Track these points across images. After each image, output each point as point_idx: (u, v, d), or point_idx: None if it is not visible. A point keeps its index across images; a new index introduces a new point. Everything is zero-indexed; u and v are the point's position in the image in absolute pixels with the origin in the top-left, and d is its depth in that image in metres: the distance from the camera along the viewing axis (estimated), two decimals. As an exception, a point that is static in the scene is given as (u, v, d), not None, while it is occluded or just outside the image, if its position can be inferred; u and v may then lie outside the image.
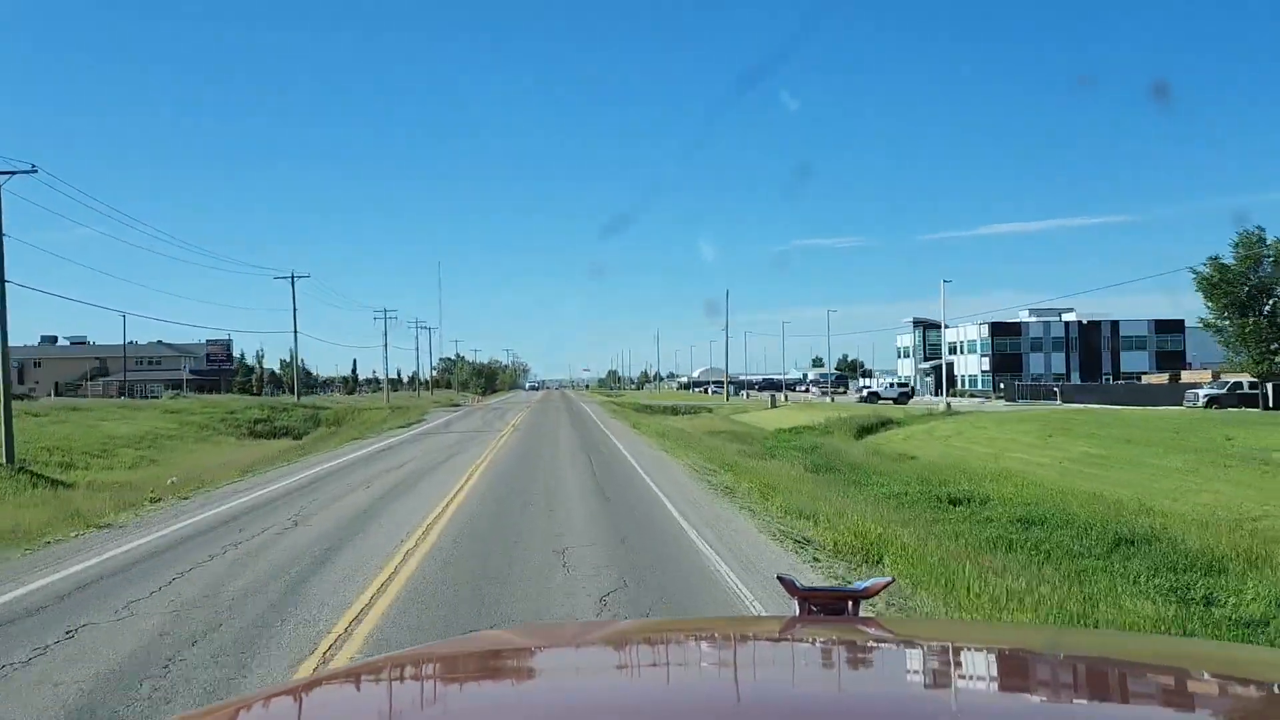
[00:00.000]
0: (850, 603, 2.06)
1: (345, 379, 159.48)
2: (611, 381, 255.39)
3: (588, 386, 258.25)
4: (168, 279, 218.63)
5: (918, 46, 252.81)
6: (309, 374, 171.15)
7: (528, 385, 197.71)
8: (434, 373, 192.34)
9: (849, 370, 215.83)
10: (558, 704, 1.64)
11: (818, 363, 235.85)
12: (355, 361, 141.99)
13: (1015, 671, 1.90)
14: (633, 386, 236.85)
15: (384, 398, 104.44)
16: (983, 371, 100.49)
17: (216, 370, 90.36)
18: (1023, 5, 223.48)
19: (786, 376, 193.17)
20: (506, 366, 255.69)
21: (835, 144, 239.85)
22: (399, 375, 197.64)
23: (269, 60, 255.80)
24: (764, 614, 7.58)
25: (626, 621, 6.56)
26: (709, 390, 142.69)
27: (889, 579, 2.51)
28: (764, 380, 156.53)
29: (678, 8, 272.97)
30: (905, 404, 72.69)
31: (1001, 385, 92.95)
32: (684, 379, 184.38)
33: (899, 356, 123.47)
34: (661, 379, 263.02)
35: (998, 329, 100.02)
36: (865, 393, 77.43)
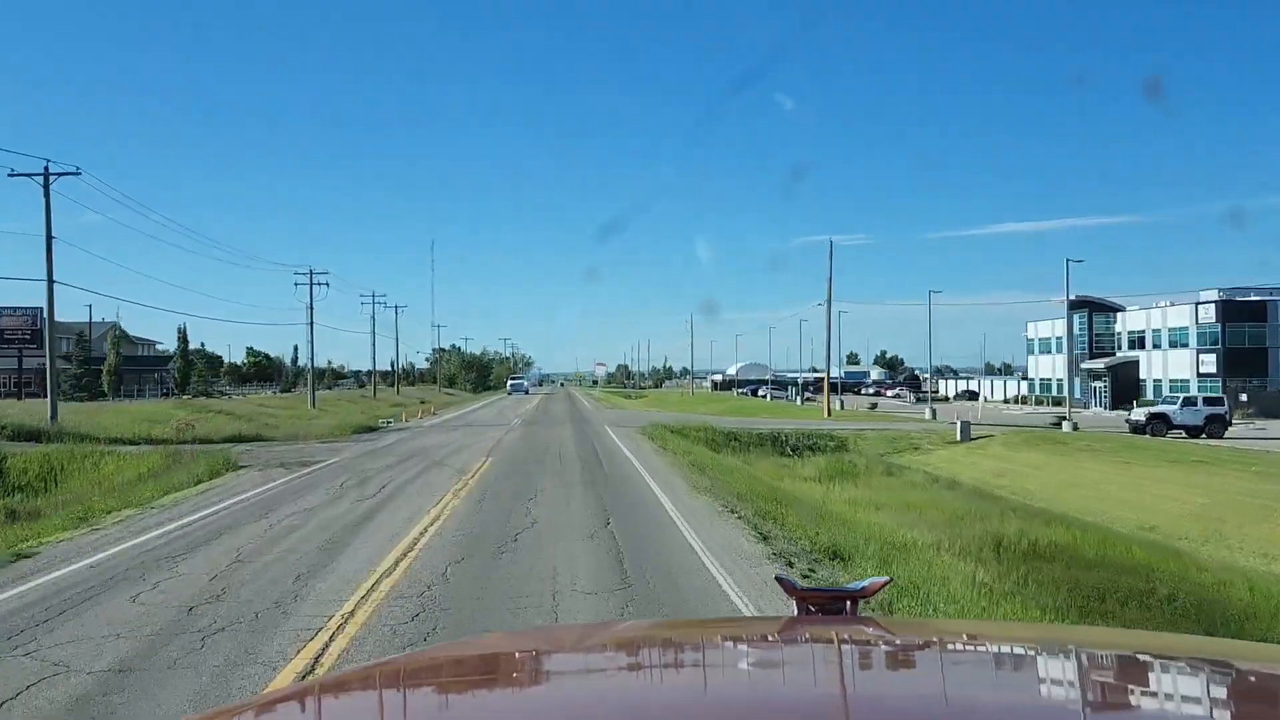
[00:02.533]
0: (848, 602, 2.06)
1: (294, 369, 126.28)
2: (622, 378, 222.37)
3: (595, 383, 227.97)
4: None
5: (914, 48, 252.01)
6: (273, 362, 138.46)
7: (511, 384, 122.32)
8: (426, 364, 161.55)
9: (888, 367, 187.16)
10: (558, 706, 1.62)
11: (853, 359, 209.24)
12: (296, 349, 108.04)
13: (1015, 670, 1.87)
14: (648, 384, 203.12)
15: (310, 399, 70.87)
16: (1200, 374, 66.32)
17: (16, 354, 56.49)
18: (1024, 6, 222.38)
19: (822, 375, 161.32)
20: (507, 358, 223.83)
21: (835, 143, 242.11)
22: (392, 367, 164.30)
23: (268, 62, 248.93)
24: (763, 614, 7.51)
25: (627, 623, 6.39)
26: (763, 393, 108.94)
27: (886, 579, 2.41)
28: (816, 381, 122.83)
29: (675, 9, 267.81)
30: (1220, 436, 39.24)
31: (1243, 395, 59.51)
32: (717, 377, 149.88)
33: (1032, 352, 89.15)
34: (674, 376, 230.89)
35: (1230, 311, 65.40)
36: (1143, 416, 42.74)
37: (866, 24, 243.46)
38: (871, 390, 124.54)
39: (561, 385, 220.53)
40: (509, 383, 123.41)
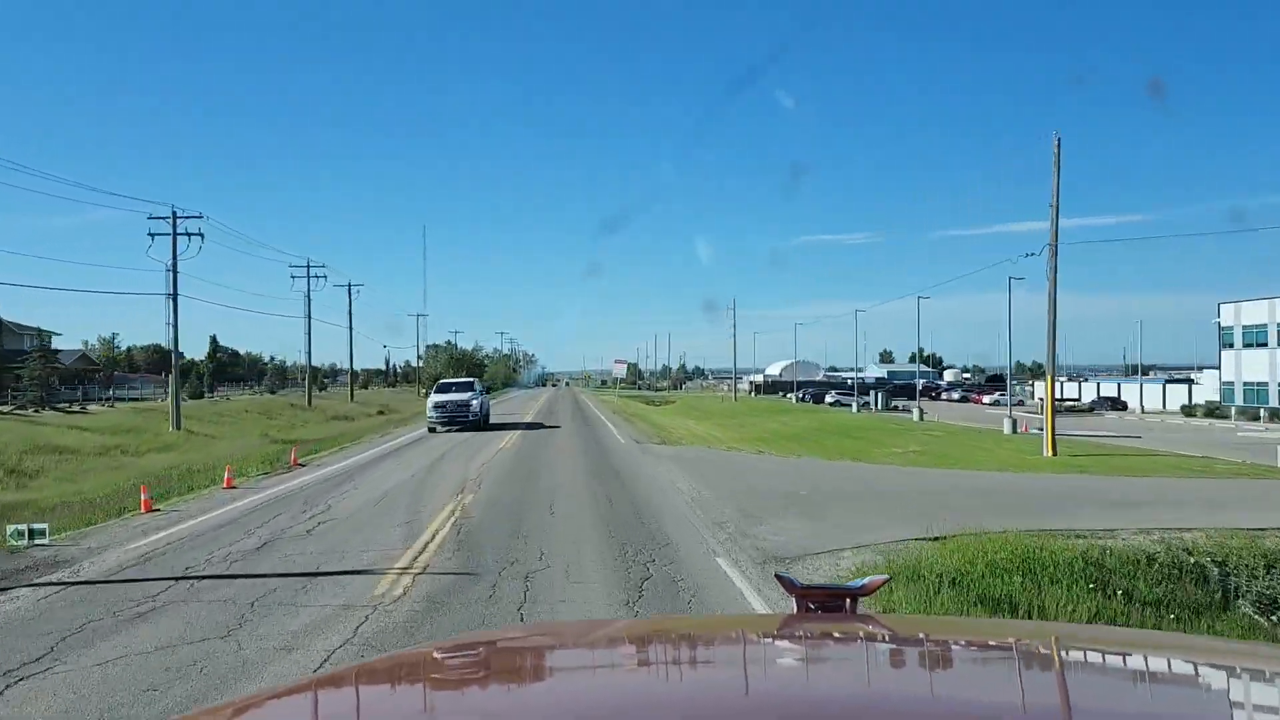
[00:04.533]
0: (848, 600, 2.04)
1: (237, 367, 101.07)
2: (633, 376, 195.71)
3: (604, 383, 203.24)
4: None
5: (912, 48, 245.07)
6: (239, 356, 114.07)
7: (434, 406, 38.29)
8: (419, 363, 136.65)
9: (927, 365, 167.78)
10: (557, 702, 1.59)
11: (886, 357, 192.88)
12: (213, 339, 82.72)
13: (1015, 668, 1.82)
14: (664, 385, 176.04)
15: (173, 415, 44.32)
16: None
17: None
18: (1028, 8, 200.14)
19: (861, 374, 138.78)
20: (506, 355, 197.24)
21: (839, 142, 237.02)
22: (388, 366, 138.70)
23: (270, 61, 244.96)
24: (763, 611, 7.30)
25: (628, 620, 6.21)
26: (831, 400, 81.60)
27: (885, 577, 2.34)
28: (894, 383, 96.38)
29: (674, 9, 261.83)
30: None
31: None
32: (756, 378, 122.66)
33: (1230, 344, 62.67)
34: (693, 377, 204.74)
35: None
36: None
37: (866, 25, 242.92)
38: (957, 396, 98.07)
39: (567, 384, 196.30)
40: (431, 404, 39.28)
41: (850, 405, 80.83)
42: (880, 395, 74.33)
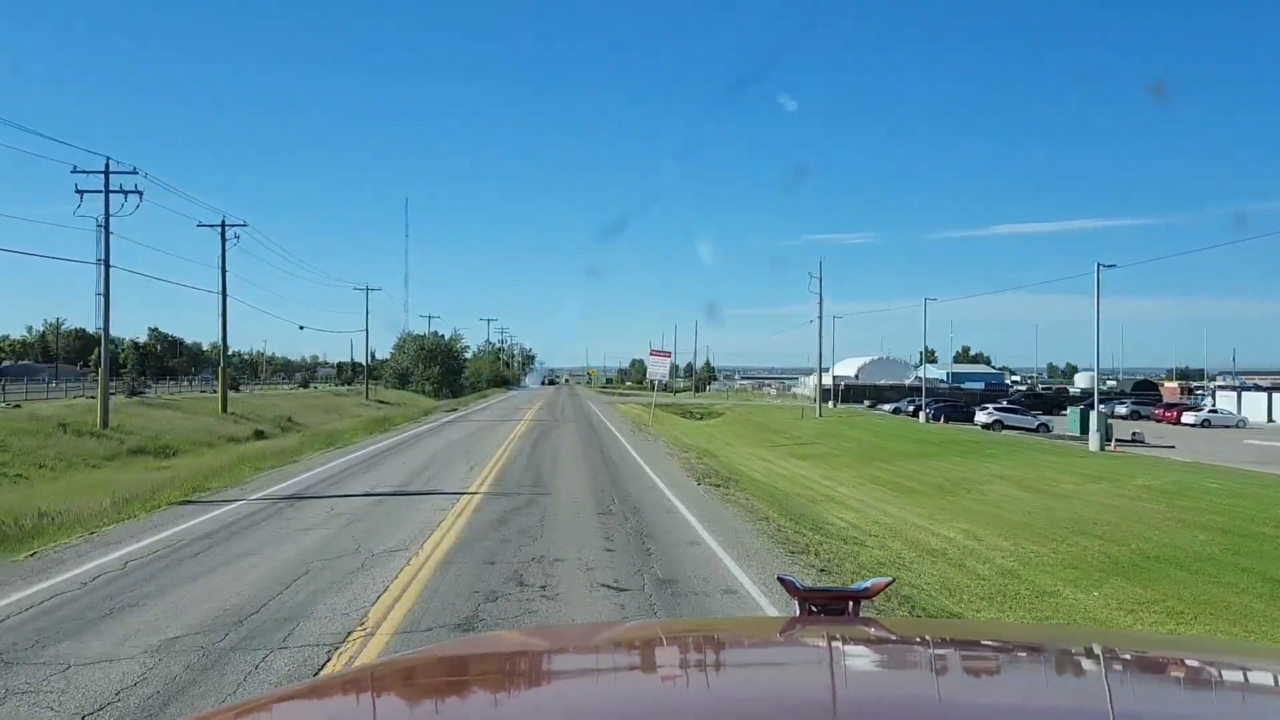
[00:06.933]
0: (851, 603, 2.03)
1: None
2: (639, 375, 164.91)
3: (609, 380, 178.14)
4: None
5: (913, 49, 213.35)
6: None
7: None
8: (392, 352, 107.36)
9: (976, 363, 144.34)
10: (560, 705, 1.58)
11: (930, 357, 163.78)
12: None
13: (1017, 671, 1.81)
14: (682, 386, 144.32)
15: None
16: None
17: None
18: (1031, 8, 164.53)
19: (924, 379, 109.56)
20: (500, 350, 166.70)
21: (841, 141, 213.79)
22: (371, 358, 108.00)
23: (272, 60, 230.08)
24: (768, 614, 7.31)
25: (630, 623, 6.24)
26: (986, 420, 49.50)
27: (889, 579, 2.32)
28: (1050, 390, 64.15)
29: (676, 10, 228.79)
30: None
31: None
32: (812, 382, 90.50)
33: None
34: (715, 378, 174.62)
35: None
36: None
37: (863, 26, 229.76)
38: (1124, 411, 66.71)
39: (566, 382, 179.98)
40: None
41: (1021, 428, 49.45)
42: (1091, 413, 42.56)
